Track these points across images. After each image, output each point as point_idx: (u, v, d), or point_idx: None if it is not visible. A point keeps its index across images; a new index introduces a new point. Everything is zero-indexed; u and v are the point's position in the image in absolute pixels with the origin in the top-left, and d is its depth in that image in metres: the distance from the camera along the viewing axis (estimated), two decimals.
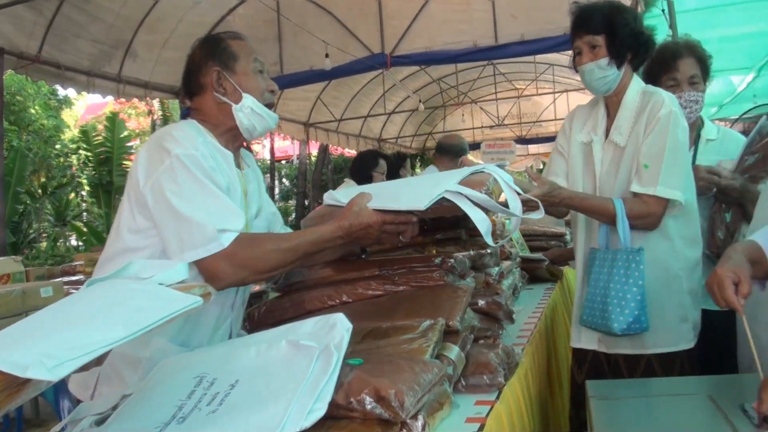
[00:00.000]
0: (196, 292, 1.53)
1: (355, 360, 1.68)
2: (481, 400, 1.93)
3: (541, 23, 8.44)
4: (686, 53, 3.12)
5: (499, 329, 2.40)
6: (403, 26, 9.21)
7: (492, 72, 16.02)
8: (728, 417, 1.66)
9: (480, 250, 2.49)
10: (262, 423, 1.40)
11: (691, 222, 2.72)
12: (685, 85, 3.09)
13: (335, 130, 14.62)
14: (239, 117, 2.23)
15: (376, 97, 15.07)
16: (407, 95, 15.08)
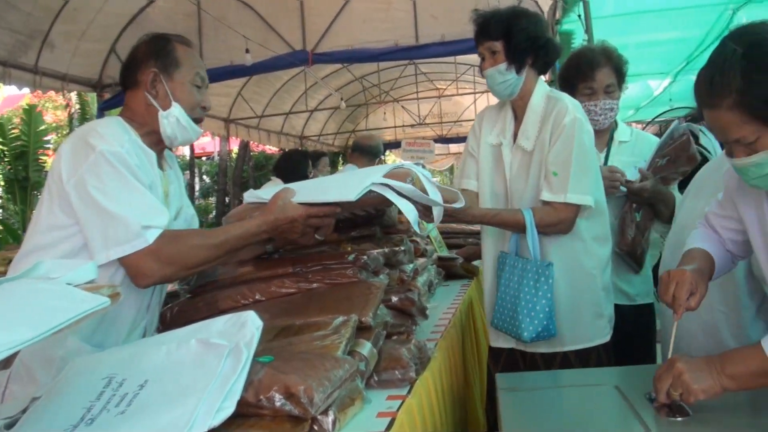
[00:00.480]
0: (105, 292, 1.50)
1: (265, 357, 1.67)
2: (393, 395, 1.95)
3: (461, 24, 8.45)
4: (603, 62, 3.18)
5: (412, 325, 2.43)
6: (325, 23, 9.17)
7: (414, 71, 16.11)
8: (633, 405, 1.73)
9: (394, 248, 2.51)
10: (170, 423, 1.38)
11: (601, 221, 2.80)
12: (600, 94, 3.17)
13: (256, 126, 14.46)
14: (163, 124, 2.21)
15: (297, 94, 14.97)
16: (329, 93, 15.04)
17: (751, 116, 1.60)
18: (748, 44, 1.60)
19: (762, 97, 1.57)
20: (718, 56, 1.65)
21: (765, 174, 1.67)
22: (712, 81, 1.64)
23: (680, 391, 1.64)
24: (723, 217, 2.04)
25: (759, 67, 1.57)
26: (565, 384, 1.97)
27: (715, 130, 1.72)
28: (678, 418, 1.64)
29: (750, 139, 1.63)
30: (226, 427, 1.43)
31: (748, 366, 1.63)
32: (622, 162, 3.23)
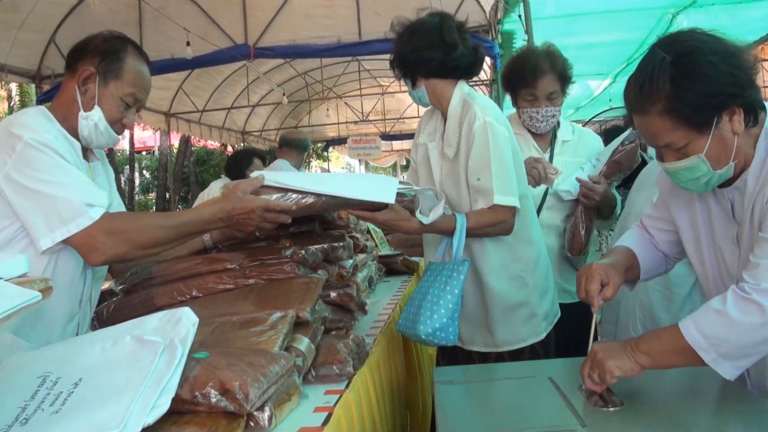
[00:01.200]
0: (36, 286, 1.48)
1: (201, 354, 1.66)
2: (331, 390, 1.95)
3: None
4: (547, 69, 3.13)
5: (351, 320, 2.44)
6: (267, 18, 9.12)
7: (357, 68, 16.12)
8: (566, 396, 1.76)
9: (333, 243, 2.51)
10: (104, 421, 1.36)
11: (524, 223, 2.75)
12: (543, 101, 3.14)
13: (198, 121, 14.29)
14: (81, 124, 2.17)
15: (239, 88, 14.84)
16: (271, 88, 14.95)
17: (680, 122, 1.64)
18: (677, 52, 1.65)
19: (690, 103, 1.62)
20: (647, 63, 1.70)
21: (695, 177, 1.72)
22: (642, 87, 1.68)
23: (597, 372, 1.68)
24: (656, 218, 2.10)
25: (687, 74, 1.62)
26: (501, 377, 2.00)
27: (645, 136, 1.76)
28: (610, 408, 1.68)
29: (680, 144, 1.68)
30: (161, 425, 1.41)
31: (663, 343, 1.69)
32: (565, 162, 3.24)
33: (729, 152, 1.69)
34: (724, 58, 1.64)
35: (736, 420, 1.65)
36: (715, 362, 1.62)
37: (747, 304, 1.57)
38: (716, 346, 1.61)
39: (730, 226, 1.84)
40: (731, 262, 1.86)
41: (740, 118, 1.67)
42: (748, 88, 1.66)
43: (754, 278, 1.59)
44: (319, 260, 2.39)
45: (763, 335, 1.59)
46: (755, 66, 1.71)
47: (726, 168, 1.71)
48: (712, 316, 1.62)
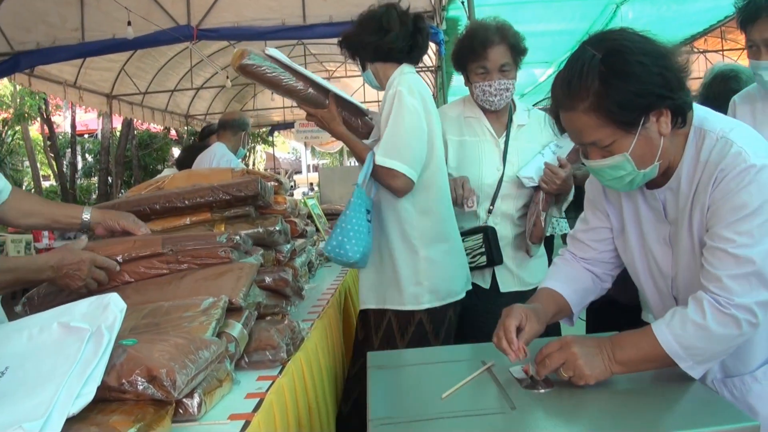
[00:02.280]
0: None
1: (128, 340, 1.63)
2: (264, 376, 1.95)
3: (349, 6, 8.51)
4: (498, 40, 3.01)
5: (287, 306, 2.42)
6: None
7: (303, 52, 15.95)
8: (498, 378, 1.77)
9: (269, 228, 2.49)
10: (29, 411, 1.32)
11: (428, 195, 2.86)
12: (495, 74, 3.02)
13: (140, 103, 14.02)
14: None
15: (183, 71, 14.56)
16: (215, 71, 14.74)
17: (607, 120, 1.64)
18: (607, 50, 1.65)
19: (618, 102, 1.62)
20: (576, 60, 1.69)
21: (620, 176, 1.73)
22: (570, 84, 1.67)
23: (572, 374, 1.69)
24: (590, 230, 2.08)
25: (616, 72, 1.62)
26: (434, 361, 2.01)
27: (571, 132, 1.76)
28: (540, 390, 1.70)
29: (605, 143, 1.68)
30: (86, 414, 1.39)
31: (639, 352, 1.70)
32: (522, 148, 3.16)
33: (654, 152, 1.70)
34: (654, 59, 1.64)
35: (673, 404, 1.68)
36: (690, 368, 1.67)
37: (726, 318, 1.61)
38: (694, 355, 1.65)
39: (662, 227, 1.86)
40: (663, 262, 1.88)
41: (667, 120, 1.68)
42: (678, 90, 1.66)
43: (724, 291, 1.61)
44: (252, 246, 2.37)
45: (734, 343, 1.65)
46: (686, 68, 1.71)
47: (651, 168, 1.72)
48: (691, 328, 1.64)
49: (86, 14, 8.87)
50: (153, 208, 2.49)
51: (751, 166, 1.61)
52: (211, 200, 2.45)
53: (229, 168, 3.15)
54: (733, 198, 1.63)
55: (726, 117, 1.81)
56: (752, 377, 1.81)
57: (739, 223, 1.61)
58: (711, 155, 1.69)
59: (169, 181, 2.83)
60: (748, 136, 1.70)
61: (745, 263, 1.60)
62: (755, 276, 1.60)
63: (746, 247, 1.60)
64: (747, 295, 1.60)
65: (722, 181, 1.65)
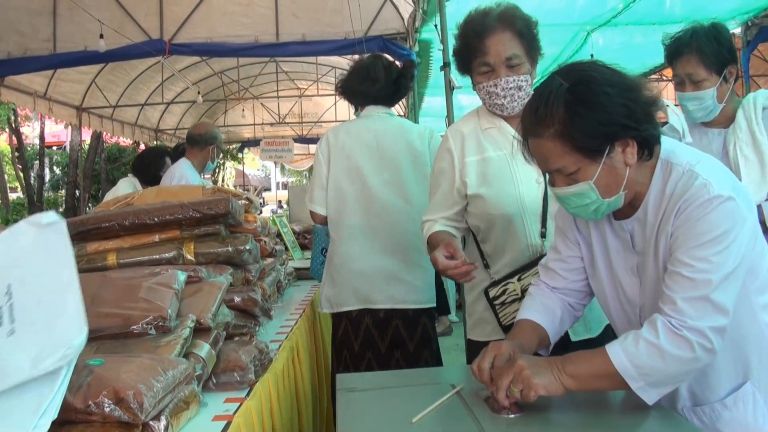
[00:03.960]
0: None
1: (95, 360, 1.60)
2: (231, 398, 1.93)
3: (322, 25, 8.57)
4: (499, 27, 2.40)
5: (256, 326, 2.40)
6: (184, 13, 8.93)
7: (275, 69, 15.99)
8: (467, 402, 1.76)
9: (239, 247, 2.46)
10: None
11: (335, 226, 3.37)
12: (501, 70, 2.40)
13: (110, 117, 13.91)
14: None
15: (154, 85, 14.50)
16: (187, 86, 14.68)
17: (572, 147, 1.67)
18: (574, 80, 1.68)
19: (583, 129, 1.65)
20: (544, 89, 1.72)
21: (584, 204, 1.75)
22: (537, 111, 1.70)
23: (521, 387, 1.68)
24: (562, 260, 2.08)
25: (582, 101, 1.65)
26: (404, 384, 1.99)
27: (538, 159, 1.78)
28: (510, 415, 1.69)
29: (570, 170, 1.71)
30: None
31: (590, 367, 1.69)
32: None
33: (620, 182, 1.72)
34: (620, 91, 1.67)
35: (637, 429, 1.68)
36: (642, 390, 1.65)
37: (678, 339, 1.61)
38: (645, 375, 1.64)
39: (629, 257, 1.88)
40: (631, 292, 1.89)
41: (633, 151, 1.70)
42: (644, 122, 1.69)
43: (678, 314, 1.62)
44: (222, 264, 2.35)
45: (689, 368, 1.65)
46: (656, 102, 1.74)
47: (615, 197, 1.74)
48: (644, 347, 1.64)
49: (58, 25, 8.82)
50: (122, 224, 2.45)
51: (715, 197, 1.64)
52: (180, 218, 2.42)
53: (200, 185, 3.13)
54: (695, 225, 1.65)
55: (694, 150, 1.83)
56: (722, 404, 1.82)
57: (698, 249, 1.63)
58: (677, 187, 1.72)
59: (138, 197, 2.80)
60: (715, 170, 1.73)
61: (701, 287, 1.62)
62: (710, 302, 1.62)
63: (704, 272, 1.62)
64: (700, 320, 1.61)
65: (685, 211, 1.67)
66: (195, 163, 5.28)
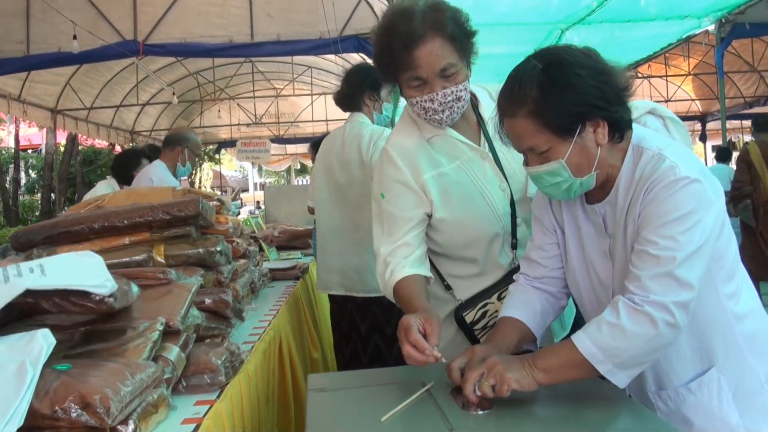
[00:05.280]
0: None
1: (62, 365, 1.58)
2: (202, 401, 1.91)
3: (297, 25, 8.56)
4: (428, 35, 2.06)
5: (227, 328, 2.39)
6: (158, 14, 8.89)
7: (250, 69, 15.96)
8: (437, 400, 1.76)
9: (210, 248, 2.45)
10: None
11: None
12: (437, 83, 2.11)
13: (85, 119, 13.81)
14: None
15: (129, 86, 14.40)
16: (162, 87, 14.60)
17: (544, 126, 1.72)
18: (548, 62, 1.74)
19: (555, 108, 1.70)
20: (519, 70, 1.78)
21: (556, 182, 1.78)
22: (512, 91, 1.75)
23: (493, 382, 1.69)
24: (540, 248, 2.10)
25: (555, 82, 1.70)
26: (374, 383, 1.99)
27: (512, 138, 1.83)
28: (479, 411, 1.70)
29: (542, 149, 1.75)
30: None
31: (560, 358, 1.71)
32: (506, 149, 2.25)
33: (591, 162, 1.76)
34: (592, 73, 1.72)
35: (610, 423, 1.69)
36: (610, 373, 1.67)
37: (639, 315, 1.63)
38: (612, 357, 1.66)
39: (602, 240, 1.90)
40: (604, 274, 1.92)
41: (604, 131, 1.74)
42: (615, 104, 1.73)
43: (641, 290, 1.65)
44: (193, 266, 2.33)
45: (654, 345, 1.66)
46: (628, 87, 1.78)
47: (587, 177, 1.78)
48: (606, 329, 1.66)
49: (32, 27, 8.75)
50: (92, 227, 2.43)
51: (682, 177, 1.67)
52: (150, 220, 2.41)
53: (170, 187, 3.11)
54: (661, 204, 1.69)
55: (663, 137, 1.88)
56: (686, 389, 1.85)
57: (664, 228, 1.67)
58: (646, 169, 1.75)
59: (108, 199, 2.78)
60: (683, 154, 1.77)
61: (665, 264, 1.65)
62: (673, 278, 1.64)
63: (668, 249, 1.65)
64: (664, 295, 1.63)
65: (653, 191, 1.71)
66: (168, 165, 5.26)
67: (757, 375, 1.85)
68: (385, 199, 2.25)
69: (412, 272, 2.12)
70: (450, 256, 2.31)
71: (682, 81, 19.95)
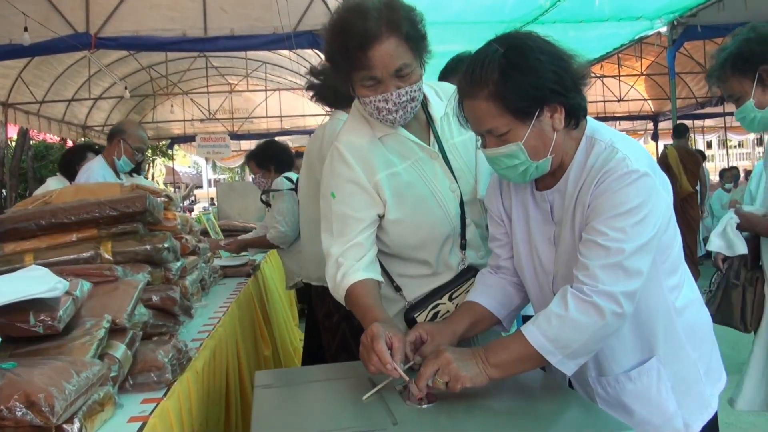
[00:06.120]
0: None
1: (8, 364, 1.57)
2: (148, 398, 1.90)
3: (251, 20, 8.52)
4: (383, 35, 2.03)
5: (175, 325, 2.38)
6: (111, 6, 8.77)
7: (204, 64, 15.82)
8: (382, 394, 1.77)
9: (157, 245, 2.44)
10: None
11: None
12: (391, 83, 2.09)
13: (36, 113, 13.58)
14: None
15: (81, 80, 14.21)
16: (114, 81, 14.40)
17: (504, 109, 1.75)
18: (509, 46, 1.77)
19: (515, 91, 1.73)
20: (481, 53, 1.80)
21: (513, 165, 1.81)
22: (473, 73, 1.77)
23: (447, 379, 1.71)
24: (494, 238, 2.14)
25: (516, 65, 1.73)
26: (321, 378, 2.01)
27: (471, 120, 1.85)
28: (423, 405, 1.72)
29: (501, 131, 1.77)
30: None
31: (511, 353, 1.75)
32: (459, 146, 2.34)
33: (547, 145, 1.80)
34: (552, 59, 1.77)
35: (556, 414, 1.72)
36: (561, 363, 1.72)
37: (587, 306, 1.68)
38: (562, 348, 1.70)
39: (548, 227, 1.95)
40: (547, 261, 1.96)
41: (561, 117, 1.79)
42: (572, 91, 1.78)
43: (590, 279, 1.70)
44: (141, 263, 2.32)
45: (601, 334, 1.72)
46: (584, 76, 1.84)
47: (543, 160, 1.82)
48: (555, 320, 1.70)
49: None
50: (39, 224, 2.40)
51: (633, 170, 1.72)
52: (97, 216, 2.38)
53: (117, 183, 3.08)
54: (612, 196, 1.72)
55: (616, 131, 1.92)
56: (626, 377, 1.90)
57: (614, 219, 1.71)
58: (598, 160, 1.80)
59: (56, 195, 2.75)
60: (634, 148, 1.82)
61: (614, 255, 1.69)
62: (622, 268, 1.69)
63: (618, 241, 1.69)
64: (612, 284, 1.68)
65: (604, 182, 1.75)
66: (109, 160, 5.08)
67: (696, 366, 1.92)
68: (336, 198, 2.21)
69: (366, 276, 2.09)
70: (401, 256, 2.29)
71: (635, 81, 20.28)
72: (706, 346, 1.97)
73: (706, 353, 1.96)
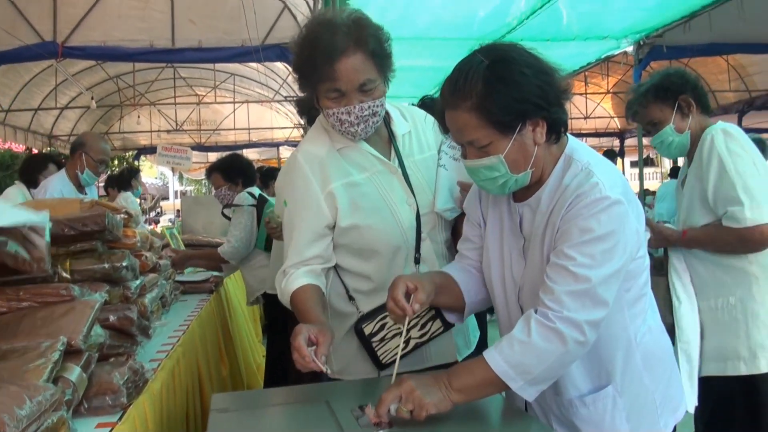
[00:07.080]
0: None
1: None
2: (103, 422, 1.88)
3: (219, 32, 8.48)
4: (350, 49, 2.11)
5: (133, 346, 2.34)
6: (78, 15, 8.64)
7: (172, 75, 15.71)
8: (338, 419, 1.76)
9: (115, 263, 2.41)
10: None
11: None
12: (354, 96, 2.16)
13: (2, 121, 13.37)
14: None
15: (48, 89, 14.00)
16: (81, 91, 14.24)
17: (486, 121, 1.75)
18: (494, 58, 1.77)
19: (498, 104, 1.73)
20: (465, 64, 1.80)
21: (493, 177, 1.82)
22: (457, 84, 1.78)
23: (411, 407, 1.70)
24: (467, 239, 2.16)
25: (500, 78, 1.74)
26: (279, 402, 2.00)
27: (453, 131, 1.85)
28: (380, 430, 1.71)
29: (483, 143, 1.78)
30: None
31: (475, 377, 1.75)
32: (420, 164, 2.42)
33: (528, 159, 1.81)
34: (536, 72, 1.77)
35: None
36: (522, 389, 1.72)
37: (550, 332, 1.68)
38: (523, 374, 1.70)
39: (517, 239, 1.96)
40: (516, 271, 1.97)
41: (543, 131, 1.79)
42: (555, 105, 1.79)
43: (556, 304, 1.70)
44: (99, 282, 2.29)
45: (563, 361, 1.72)
46: (566, 90, 1.84)
47: (523, 174, 1.82)
48: (517, 346, 1.70)
49: None
50: None
51: (605, 197, 1.72)
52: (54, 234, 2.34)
53: (77, 198, 3.03)
54: (582, 222, 1.73)
55: (594, 152, 1.93)
56: (581, 401, 1.91)
57: (583, 245, 1.71)
58: (573, 181, 1.80)
59: None
60: (609, 173, 1.82)
61: (582, 281, 1.69)
62: (589, 296, 1.69)
63: (586, 267, 1.70)
64: (578, 312, 1.68)
65: (576, 206, 1.75)
66: (71, 174, 4.97)
67: (652, 396, 1.93)
68: (287, 207, 2.31)
69: (306, 282, 2.18)
70: (352, 269, 2.33)
71: (601, 99, 20.47)
72: (664, 374, 1.97)
73: (664, 381, 1.97)
